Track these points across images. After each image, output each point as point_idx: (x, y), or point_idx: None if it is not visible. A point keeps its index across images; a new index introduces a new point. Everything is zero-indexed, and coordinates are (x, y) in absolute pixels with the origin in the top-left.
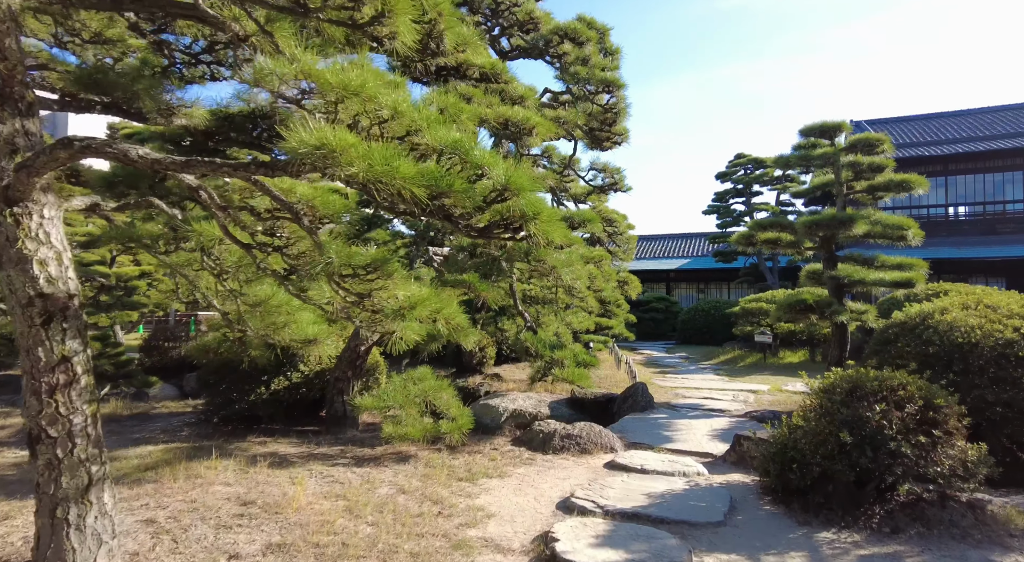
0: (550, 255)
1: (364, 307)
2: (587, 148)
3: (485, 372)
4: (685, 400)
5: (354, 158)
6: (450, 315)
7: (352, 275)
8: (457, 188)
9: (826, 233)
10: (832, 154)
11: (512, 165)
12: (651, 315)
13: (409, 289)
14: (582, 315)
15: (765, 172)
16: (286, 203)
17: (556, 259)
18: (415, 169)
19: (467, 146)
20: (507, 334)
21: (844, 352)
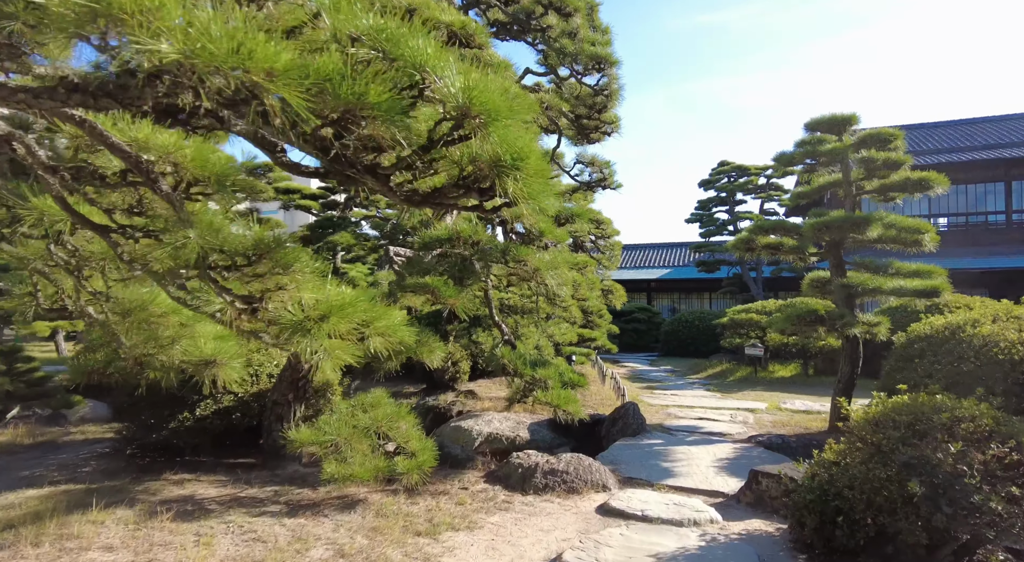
0: (532, 255)
1: (259, 317)
2: (572, 144)
3: (458, 389)
4: (679, 421)
5: (165, 27)
6: (387, 328)
7: (230, 267)
8: (374, 100)
9: (835, 237)
10: (841, 150)
11: (475, 72)
12: (633, 326)
13: (321, 291)
14: (565, 326)
15: (749, 180)
16: (128, 155)
17: (540, 260)
18: (288, 58)
19: (396, 34)
20: (483, 347)
21: (856, 369)
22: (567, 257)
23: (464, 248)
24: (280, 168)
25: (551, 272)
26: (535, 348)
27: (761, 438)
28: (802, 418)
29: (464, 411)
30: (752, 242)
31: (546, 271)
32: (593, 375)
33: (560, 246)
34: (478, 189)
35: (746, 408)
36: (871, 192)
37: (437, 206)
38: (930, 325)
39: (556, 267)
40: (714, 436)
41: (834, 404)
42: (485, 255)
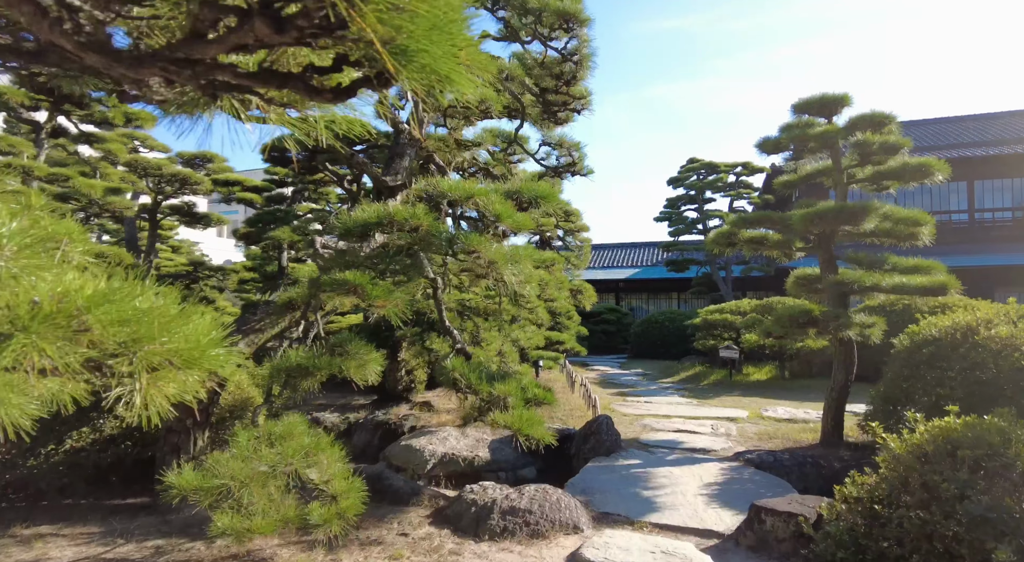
0: (486, 245)
1: None
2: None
3: (414, 400)
4: (657, 435)
5: None
6: (179, 346)
7: None
8: None
9: (827, 229)
10: (833, 133)
11: None
12: (602, 327)
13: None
14: (531, 329)
15: (719, 177)
16: None
17: (497, 252)
18: None
19: None
20: (439, 354)
21: (851, 375)
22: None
23: (400, 236)
24: None
25: (511, 267)
26: (497, 355)
27: (750, 455)
28: (788, 429)
29: (418, 426)
30: (734, 236)
31: (504, 265)
32: (562, 381)
33: (521, 246)
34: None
35: (726, 417)
36: (863, 180)
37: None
38: (935, 327)
39: (517, 261)
40: (697, 453)
41: (827, 415)
42: (428, 245)
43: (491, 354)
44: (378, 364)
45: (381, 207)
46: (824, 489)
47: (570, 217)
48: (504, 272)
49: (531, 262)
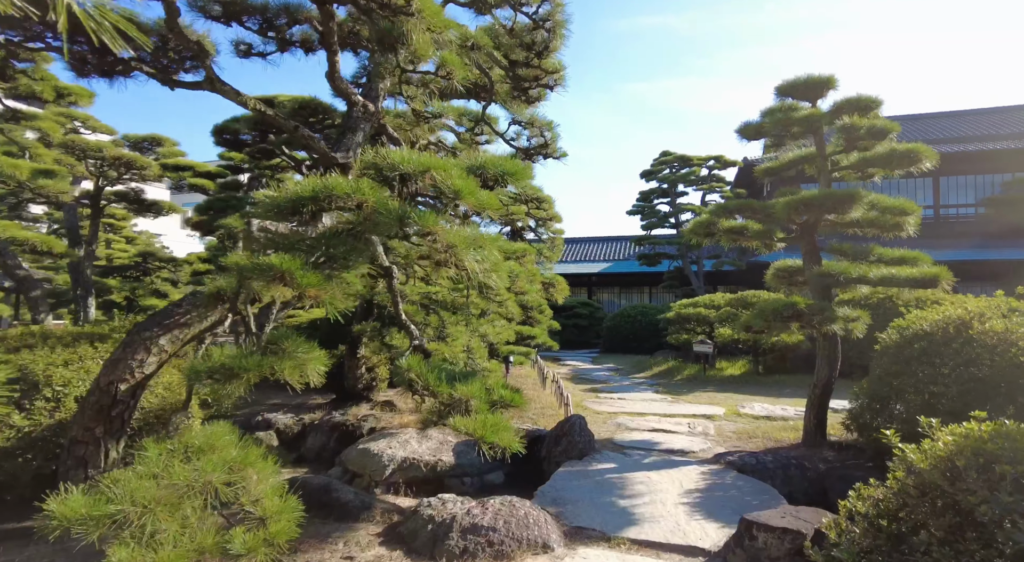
0: (443, 227)
1: None
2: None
3: (375, 399)
4: (631, 435)
5: None
6: None
7: None
8: None
9: (812, 218)
10: (817, 117)
11: None
12: (574, 321)
13: None
14: (501, 324)
15: (691, 171)
16: None
17: (457, 235)
18: None
19: None
20: (400, 351)
21: (835, 371)
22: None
23: (342, 215)
24: None
25: (473, 252)
26: (464, 351)
27: (731, 457)
28: (768, 427)
29: (378, 428)
30: (713, 226)
31: (465, 250)
32: (533, 377)
33: (485, 233)
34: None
35: (703, 414)
36: (847, 168)
37: None
38: (925, 320)
39: (481, 246)
40: (675, 455)
41: (809, 413)
42: (375, 225)
43: (457, 350)
44: (320, 363)
45: (318, 180)
46: (810, 493)
47: (542, 205)
48: (465, 258)
49: (498, 250)
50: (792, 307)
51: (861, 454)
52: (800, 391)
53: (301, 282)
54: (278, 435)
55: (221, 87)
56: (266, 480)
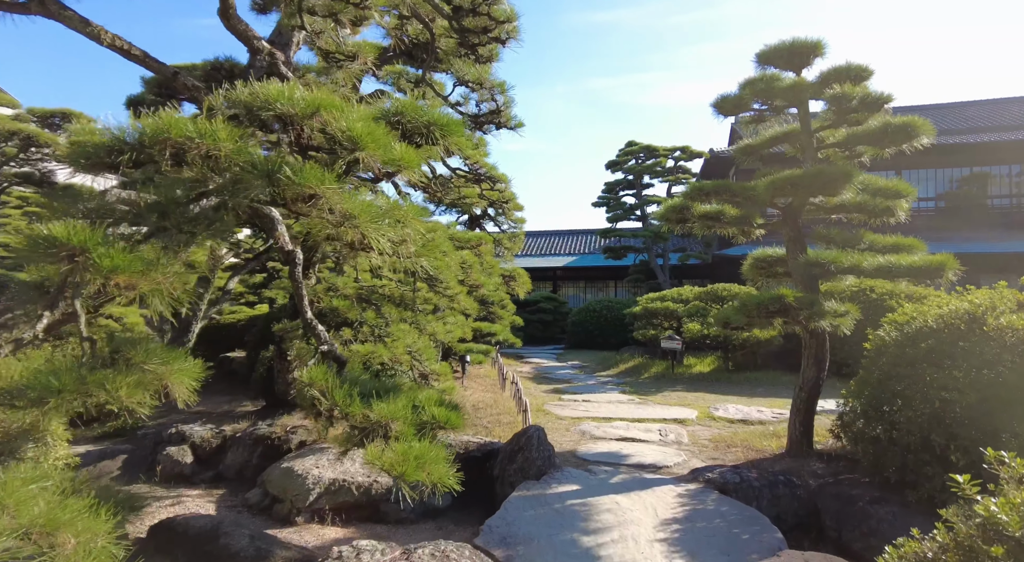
0: (330, 187)
1: None
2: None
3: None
4: (597, 445)
5: None
6: None
7: None
8: None
9: (797, 201)
10: (803, 87)
11: None
12: (539, 316)
13: None
14: (455, 320)
15: (657, 161)
16: None
17: (356, 203)
18: None
19: None
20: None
21: (823, 372)
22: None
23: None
24: None
25: (377, 224)
26: (408, 353)
27: (711, 474)
28: (746, 433)
29: (308, 442)
30: (686, 211)
31: (371, 223)
32: (493, 377)
33: (449, 214)
34: None
35: (674, 418)
36: (835, 146)
37: None
38: (928, 315)
39: (398, 220)
40: (647, 471)
41: (794, 419)
42: (238, 185)
43: (399, 352)
44: (190, 377)
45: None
46: (800, 514)
47: (497, 185)
48: (368, 231)
49: (419, 221)
50: (779, 301)
51: (854, 466)
52: (774, 390)
53: (102, 265)
54: (193, 450)
55: (60, 11)
56: (89, 542)
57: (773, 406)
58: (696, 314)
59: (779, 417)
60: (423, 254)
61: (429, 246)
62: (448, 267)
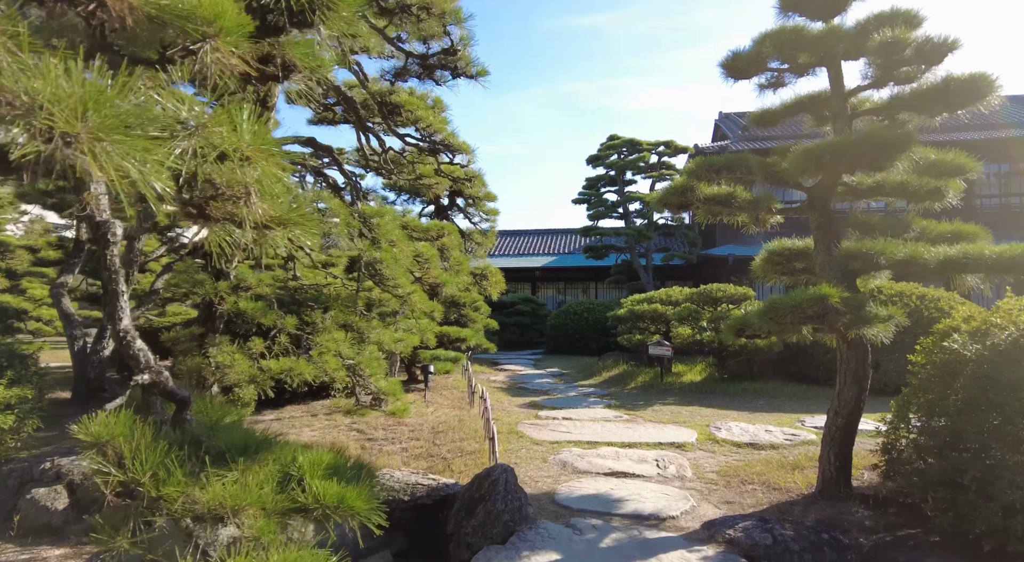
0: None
1: None
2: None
3: None
4: (581, 484)
5: None
6: None
7: None
8: None
9: (828, 179)
10: (836, 38)
11: None
12: (516, 319)
13: None
14: (411, 324)
15: (640, 156)
16: None
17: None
18: None
19: None
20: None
21: (863, 393)
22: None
23: None
24: None
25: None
26: (344, 367)
27: (731, 531)
28: (760, 463)
29: None
30: (689, 193)
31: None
32: (462, 388)
33: (416, 204)
34: None
35: (671, 442)
36: (872, 112)
37: None
38: (1002, 324)
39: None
40: (646, 525)
41: (827, 450)
42: None
43: (330, 366)
44: None
45: None
46: None
47: (457, 158)
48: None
49: (371, 214)
50: (820, 302)
51: (911, 513)
52: (777, 403)
53: None
54: (71, 492)
55: None
56: None
57: (781, 424)
58: (687, 317)
59: (792, 439)
60: (289, 222)
61: (303, 215)
62: (396, 260)
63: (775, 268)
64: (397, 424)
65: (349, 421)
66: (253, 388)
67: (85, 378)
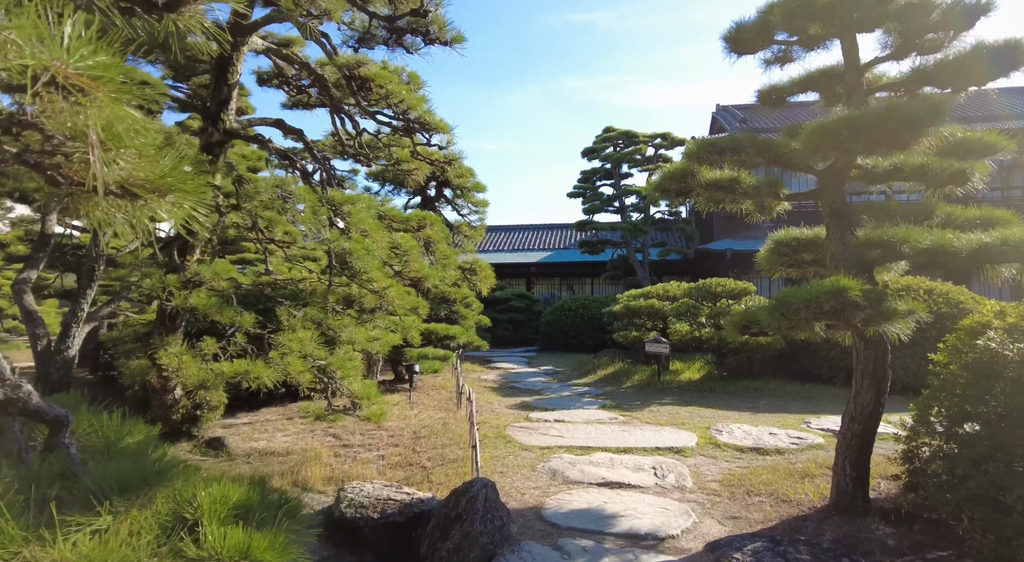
0: None
1: None
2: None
3: (200, 435)
4: (571, 497)
5: None
6: None
7: None
8: None
9: (842, 160)
10: (854, 2)
11: None
12: (510, 316)
13: None
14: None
15: (637, 149)
16: None
17: None
18: None
19: None
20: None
21: (883, 394)
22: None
23: None
24: None
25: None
26: (311, 369)
27: (738, 557)
28: (766, 471)
29: None
30: (689, 178)
31: None
32: (450, 388)
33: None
34: None
35: (669, 447)
36: (889, 87)
37: None
38: None
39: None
40: (644, 545)
41: (842, 459)
42: None
43: (294, 368)
44: None
45: None
46: None
47: (435, 139)
48: None
49: (343, 201)
50: (838, 295)
51: (940, 533)
52: (779, 403)
53: None
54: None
55: None
56: None
57: (786, 426)
58: (685, 313)
59: (799, 443)
60: (166, 187)
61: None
62: (369, 252)
63: (782, 260)
64: (377, 428)
65: (326, 425)
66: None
67: (48, 379)
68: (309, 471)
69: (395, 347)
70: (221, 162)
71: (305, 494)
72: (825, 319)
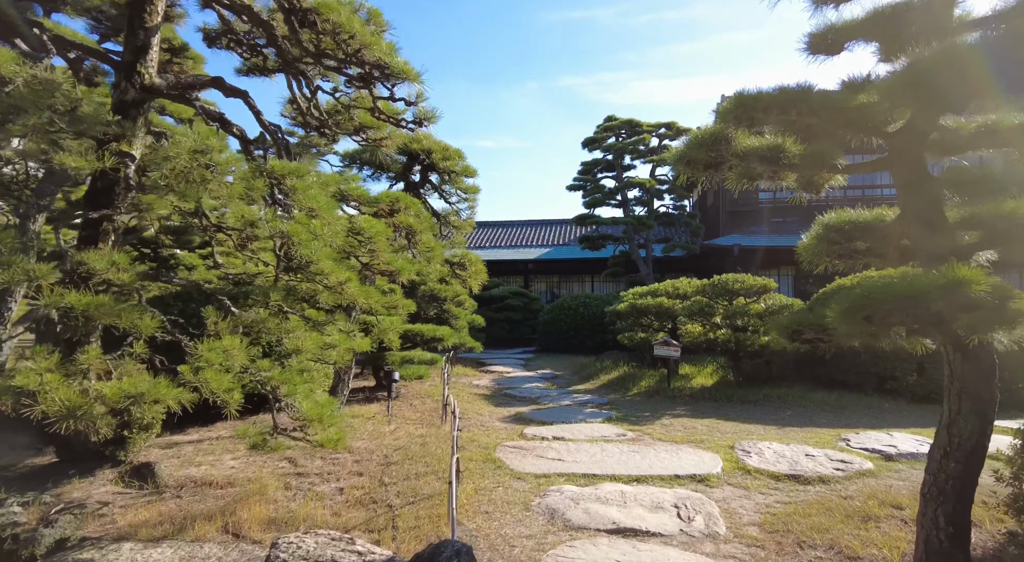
0: None
1: None
2: None
3: (128, 460)
4: (573, 548)
5: None
6: None
7: None
8: None
9: (923, 119)
10: None
11: None
12: (506, 315)
13: None
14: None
15: (640, 139)
16: None
17: None
18: None
19: None
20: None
21: (989, 424)
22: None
23: None
24: None
25: None
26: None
27: None
28: (816, 510)
29: (74, 539)
30: (721, 146)
31: None
32: (437, 396)
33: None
34: None
35: (690, 475)
36: (977, 26)
37: None
38: None
39: None
40: None
41: (930, 507)
42: None
43: (216, 385)
44: None
45: None
46: None
47: (397, 87)
48: None
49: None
50: (956, 291)
51: None
52: (808, 415)
53: None
54: None
55: None
56: None
57: (822, 444)
58: (698, 312)
59: (844, 468)
60: None
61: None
62: (316, 236)
63: (831, 248)
64: (342, 450)
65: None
66: (156, 407)
67: None
68: (248, 511)
69: (376, 351)
70: (140, 126)
71: (235, 545)
72: (924, 323)
